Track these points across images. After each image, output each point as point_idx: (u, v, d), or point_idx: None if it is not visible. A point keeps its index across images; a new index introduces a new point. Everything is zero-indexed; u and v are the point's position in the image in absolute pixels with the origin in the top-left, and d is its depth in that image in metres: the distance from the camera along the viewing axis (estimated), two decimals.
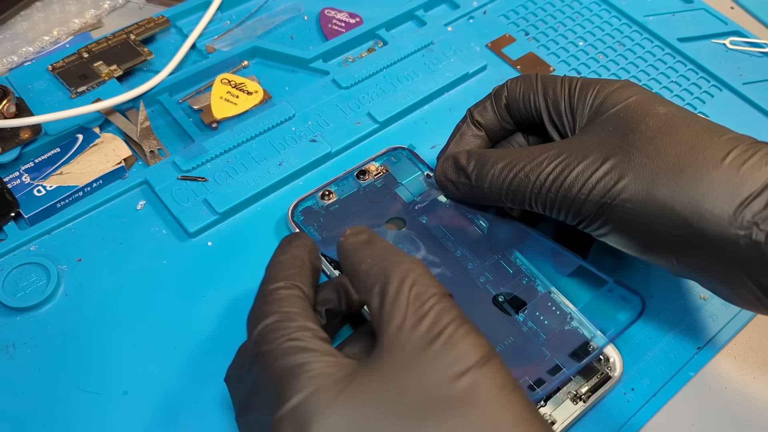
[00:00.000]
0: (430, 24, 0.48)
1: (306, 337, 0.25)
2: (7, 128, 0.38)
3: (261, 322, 0.26)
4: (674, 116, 0.30)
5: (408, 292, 0.25)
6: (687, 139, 0.29)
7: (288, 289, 0.27)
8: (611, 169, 0.29)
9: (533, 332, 0.32)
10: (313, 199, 0.37)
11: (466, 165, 0.33)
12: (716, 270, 0.29)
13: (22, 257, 0.35)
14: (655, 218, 0.29)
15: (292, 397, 0.23)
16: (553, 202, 0.31)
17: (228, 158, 0.39)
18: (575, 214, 0.31)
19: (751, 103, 0.45)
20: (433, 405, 0.23)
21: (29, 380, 0.32)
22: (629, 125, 0.30)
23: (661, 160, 0.29)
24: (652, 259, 0.31)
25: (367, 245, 0.27)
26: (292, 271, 0.28)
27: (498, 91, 0.35)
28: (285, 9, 0.49)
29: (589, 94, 0.33)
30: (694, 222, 0.28)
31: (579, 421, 0.31)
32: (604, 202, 0.30)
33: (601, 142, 0.30)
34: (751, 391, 0.34)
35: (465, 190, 0.34)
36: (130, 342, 0.33)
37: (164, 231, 0.37)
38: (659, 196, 0.28)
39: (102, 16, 0.49)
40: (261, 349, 0.25)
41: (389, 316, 0.24)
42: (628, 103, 0.31)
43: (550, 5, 0.51)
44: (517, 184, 0.32)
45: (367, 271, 0.26)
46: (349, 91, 0.43)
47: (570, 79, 0.34)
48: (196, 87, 0.43)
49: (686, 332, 0.35)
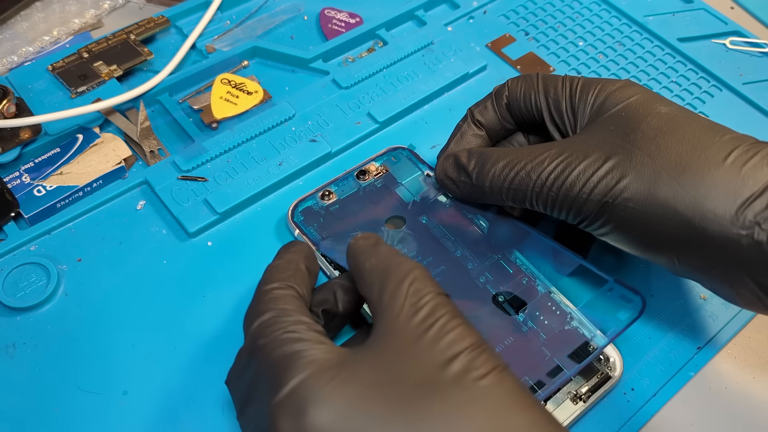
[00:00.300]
0: (430, 24, 0.48)
1: (301, 329, 0.26)
2: (7, 128, 0.38)
3: (257, 318, 0.27)
4: (676, 116, 0.31)
5: (407, 288, 0.26)
6: (688, 138, 0.29)
7: (283, 289, 0.28)
8: (612, 168, 0.29)
9: (533, 332, 0.32)
10: (313, 200, 0.37)
11: (466, 163, 0.33)
12: (717, 270, 0.29)
13: (22, 257, 0.35)
14: (656, 218, 0.29)
15: (290, 381, 0.24)
16: (554, 201, 0.31)
17: (228, 158, 0.39)
18: (576, 213, 0.31)
19: (751, 103, 0.45)
20: (425, 387, 0.23)
21: (29, 380, 0.32)
22: (631, 124, 0.30)
23: (662, 160, 0.29)
24: (653, 258, 0.31)
25: (374, 247, 0.28)
26: (287, 273, 0.29)
27: (499, 91, 0.35)
28: (285, 9, 0.49)
29: (590, 94, 0.33)
30: (696, 222, 0.28)
31: (579, 421, 0.31)
32: (605, 202, 0.29)
33: (602, 140, 0.30)
34: (751, 391, 0.34)
35: (466, 189, 0.34)
36: (130, 342, 0.33)
37: (164, 231, 0.37)
38: (661, 195, 0.28)
39: (102, 16, 0.49)
40: (258, 343, 0.26)
41: (387, 306, 0.26)
42: (629, 102, 0.31)
43: (550, 5, 0.51)
44: (518, 182, 0.31)
45: (371, 269, 0.27)
46: (349, 91, 0.43)
47: (571, 79, 0.34)
48: (196, 87, 0.44)
49: (686, 332, 0.35)
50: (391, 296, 0.26)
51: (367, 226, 0.36)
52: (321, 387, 0.23)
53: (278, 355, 0.25)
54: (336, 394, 0.23)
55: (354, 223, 0.36)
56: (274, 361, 0.25)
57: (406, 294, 0.26)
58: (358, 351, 0.25)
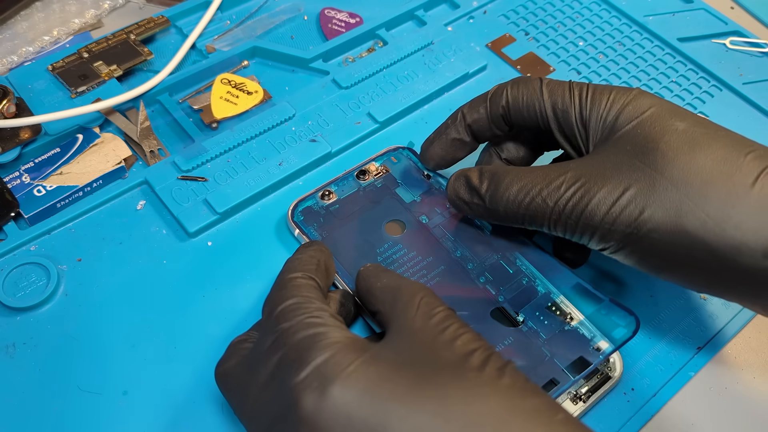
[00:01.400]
0: (430, 24, 0.48)
1: (324, 315, 0.26)
2: (7, 128, 0.38)
3: (281, 303, 0.27)
4: (694, 134, 0.29)
5: (418, 301, 0.27)
6: (711, 161, 0.28)
7: (306, 279, 0.29)
8: (634, 198, 0.28)
9: (533, 332, 0.32)
10: (313, 199, 0.37)
11: (478, 185, 0.32)
12: (748, 295, 0.28)
13: (22, 257, 0.35)
14: (684, 249, 0.28)
15: (313, 360, 0.24)
16: (574, 229, 0.30)
17: (228, 158, 0.39)
18: (599, 241, 0.30)
19: (751, 103, 0.45)
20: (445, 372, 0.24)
21: (29, 380, 0.32)
22: (649, 144, 0.29)
23: (686, 187, 0.28)
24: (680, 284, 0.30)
25: (383, 271, 0.30)
26: (310, 266, 0.30)
27: (495, 97, 0.34)
28: (285, 9, 0.49)
29: (602, 106, 0.31)
30: (728, 254, 0.27)
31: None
32: (630, 233, 0.29)
33: (620, 163, 0.29)
34: (751, 391, 0.34)
35: (479, 211, 0.33)
36: (130, 342, 0.33)
37: (164, 231, 0.37)
38: (688, 227, 0.27)
39: (102, 16, 0.49)
40: (280, 326, 0.26)
41: (401, 313, 0.27)
42: (644, 118, 0.30)
43: (550, 5, 0.51)
44: (535, 209, 0.30)
45: (383, 287, 0.29)
46: (349, 91, 0.43)
47: (579, 87, 0.32)
48: (196, 87, 0.43)
49: (686, 332, 0.35)
50: (404, 306, 0.27)
51: (367, 225, 0.36)
52: (345, 366, 0.24)
53: (302, 337, 0.25)
54: (359, 373, 0.24)
55: (354, 223, 0.36)
56: (297, 342, 0.25)
57: (418, 305, 0.27)
58: (376, 343, 0.26)
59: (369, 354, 0.25)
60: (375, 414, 0.23)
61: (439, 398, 0.23)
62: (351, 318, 0.32)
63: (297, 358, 0.25)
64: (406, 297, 0.27)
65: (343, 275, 0.33)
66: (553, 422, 0.23)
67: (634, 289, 0.36)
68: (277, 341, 0.26)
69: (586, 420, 0.32)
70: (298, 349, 0.25)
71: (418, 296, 0.27)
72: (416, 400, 0.23)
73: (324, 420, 0.23)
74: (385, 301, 0.28)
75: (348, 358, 0.24)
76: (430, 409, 0.23)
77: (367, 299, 0.30)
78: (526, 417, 0.23)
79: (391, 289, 0.28)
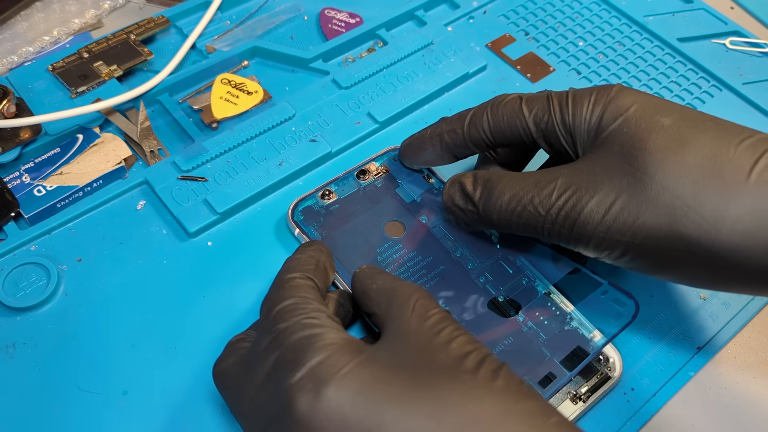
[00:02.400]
0: (430, 24, 0.48)
1: (321, 316, 0.26)
2: (7, 128, 0.38)
3: (279, 304, 0.27)
4: (681, 129, 0.28)
5: (414, 303, 0.27)
6: (700, 160, 0.27)
7: (304, 279, 0.29)
8: (626, 205, 0.28)
9: (533, 332, 0.32)
10: (313, 199, 0.37)
11: (472, 192, 0.32)
12: (755, 286, 0.28)
13: (22, 257, 0.35)
14: (681, 253, 0.28)
15: (308, 361, 0.24)
16: (568, 237, 0.30)
17: (228, 158, 0.39)
18: (595, 249, 0.29)
19: (751, 103, 0.45)
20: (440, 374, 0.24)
21: (29, 380, 0.32)
22: (636, 144, 0.28)
23: (678, 191, 0.27)
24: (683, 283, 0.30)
25: (379, 273, 0.30)
26: (309, 266, 0.30)
27: (474, 121, 0.33)
28: (285, 9, 0.49)
29: (585, 109, 0.30)
30: (726, 255, 0.27)
31: (579, 421, 0.31)
32: (626, 241, 0.28)
33: (609, 167, 0.29)
34: (751, 391, 0.34)
35: (474, 218, 0.33)
36: (130, 342, 0.33)
37: (164, 231, 0.37)
38: (684, 231, 0.27)
39: (102, 16, 0.49)
40: (277, 326, 0.26)
41: (396, 315, 0.27)
42: (628, 115, 0.29)
43: (550, 5, 0.51)
44: (527, 217, 0.30)
45: (378, 289, 0.29)
46: (349, 91, 0.43)
47: (558, 96, 0.31)
48: (196, 87, 0.44)
49: (686, 332, 0.35)
50: (399, 308, 0.27)
51: (367, 225, 0.36)
52: (339, 368, 0.24)
53: (298, 338, 0.25)
54: (353, 374, 0.24)
55: (354, 223, 0.36)
56: (293, 343, 0.25)
57: (413, 307, 0.27)
58: (371, 345, 0.26)
59: (364, 355, 0.25)
60: (369, 415, 0.23)
61: (434, 400, 0.23)
62: (350, 318, 0.32)
63: (293, 359, 0.25)
64: (402, 299, 0.27)
65: (342, 275, 0.33)
66: (546, 425, 0.23)
67: (633, 289, 0.36)
68: (274, 341, 0.26)
69: (585, 420, 0.32)
70: (294, 349, 0.25)
71: (414, 298, 0.27)
72: (410, 401, 0.23)
73: (318, 421, 0.23)
74: (381, 303, 0.28)
75: (343, 359, 0.24)
76: (424, 411, 0.23)
77: (362, 301, 0.30)
78: (519, 420, 0.23)
79: (387, 291, 0.28)
